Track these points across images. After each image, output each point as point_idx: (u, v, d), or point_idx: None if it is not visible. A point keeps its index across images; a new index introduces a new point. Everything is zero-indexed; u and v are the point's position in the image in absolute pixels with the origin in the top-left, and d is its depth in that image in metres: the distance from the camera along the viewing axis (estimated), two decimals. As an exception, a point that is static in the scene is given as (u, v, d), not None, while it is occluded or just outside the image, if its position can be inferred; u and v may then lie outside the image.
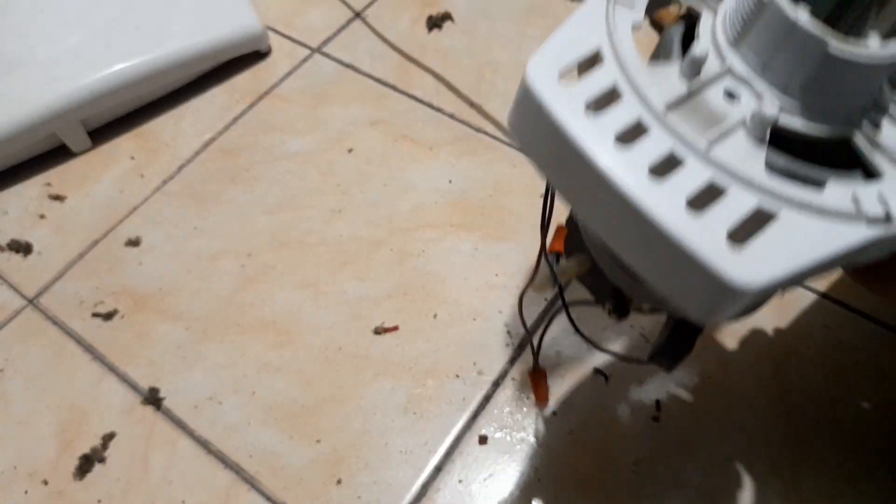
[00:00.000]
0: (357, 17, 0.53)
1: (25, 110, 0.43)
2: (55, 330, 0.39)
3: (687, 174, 0.15)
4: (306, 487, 0.33)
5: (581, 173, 0.16)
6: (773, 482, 0.32)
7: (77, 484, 0.34)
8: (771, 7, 0.15)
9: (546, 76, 0.16)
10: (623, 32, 0.17)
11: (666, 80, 0.16)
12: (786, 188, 0.15)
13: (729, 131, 0.16)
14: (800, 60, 0.15)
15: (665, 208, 0.14)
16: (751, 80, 0.16)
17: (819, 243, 0.15)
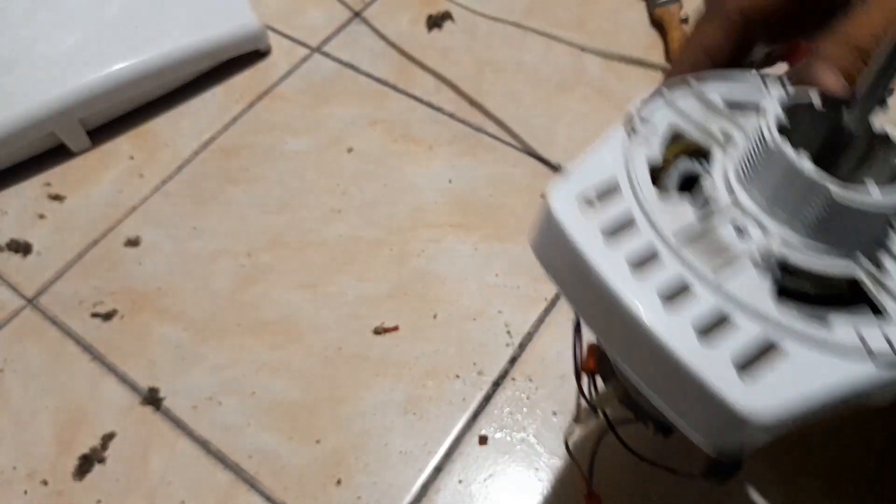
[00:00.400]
0: (356, 17, 0.53)
1: (24, 110, 0.43)
2: (54, 330, 0.39)
3: (697, 303, 0.16)
4: (306, 488, 0.33)
5: (595, 295, 0.16)
6: (773, 481, 0.32)
7: (76, 484, 0.34)
8: (776, 153, 0.16)
9: (566, 203, 0.17)
10: (639, 166, 0.18)
11: (678, 212, 0.17)
12: (798, 324, 0.15)
13: (738, 263, 0.16)
14: (804, 203, 0.16)
15: (675, 335, 0.15)
16: (758, 216, 0.17)
17: (830, 382, 0.15)
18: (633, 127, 0.19)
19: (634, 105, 0.20)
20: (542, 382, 0.36)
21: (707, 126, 0.20)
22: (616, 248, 0.17)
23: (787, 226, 0.17)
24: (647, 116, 0.20)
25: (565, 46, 0.50)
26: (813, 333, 0.15)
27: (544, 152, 0.45)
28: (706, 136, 0.19)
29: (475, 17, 0.53)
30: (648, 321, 0.15)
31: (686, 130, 0.20)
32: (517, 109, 0.47)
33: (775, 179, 0.17)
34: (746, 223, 0.17)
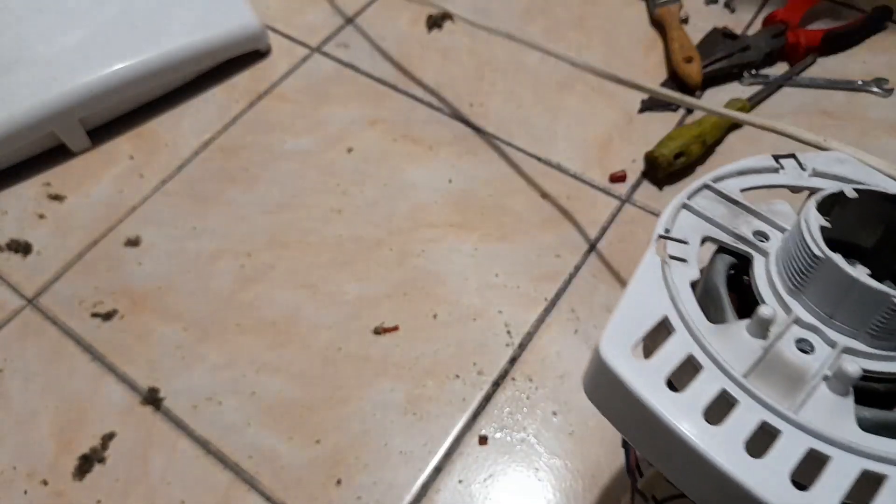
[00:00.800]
0: (350, 23, 0.53)
1: (24, 109, 0.43)
2: (54, 330, 0.39)
3: (785, 447, 0.15)
4: (306, 488, 0.33)
5: (675, 449, 0.16)
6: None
7: (76, 484, 0.34)
8: (827, 264, 0.16)
9: (620, 352, 0.17)
10: (685, 295, 0.18)
11: (737, 342, 0.17)
12: (887, 447, 0.15)
13: (813, 389, 0.16)
14: (868, 311, 0.16)
15: (770, 488, 0.14)
16: (820, 328, 0.17)
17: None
18: (667, 252, 0.18)
19: (662, 223, 0.19)
20: (541, 382, 0.36)
21: (737, 229, 0.19)
22: (687, 398, 0.16)
23: (853, 334, 0.16)
24: (677, 233, 0.19)
25: (565, 45, 0.50)
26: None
27: (544, 152, 0.45)
28: (740, 241, 0.19)
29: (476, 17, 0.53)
30: (740, 478, 0.14)
31: (719, 239, 0.19)
32: (517, 109, 0.47)
33: (831, 290, 0.16)
34: (808, 336, 0.17)
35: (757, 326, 0.17)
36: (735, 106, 0.45)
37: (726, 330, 0.17)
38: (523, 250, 0.41)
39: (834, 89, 0.47)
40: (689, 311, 0.17)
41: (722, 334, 0.17)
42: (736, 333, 0.17)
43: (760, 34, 0.48)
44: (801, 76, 0.47)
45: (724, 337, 0.17)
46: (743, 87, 0.47)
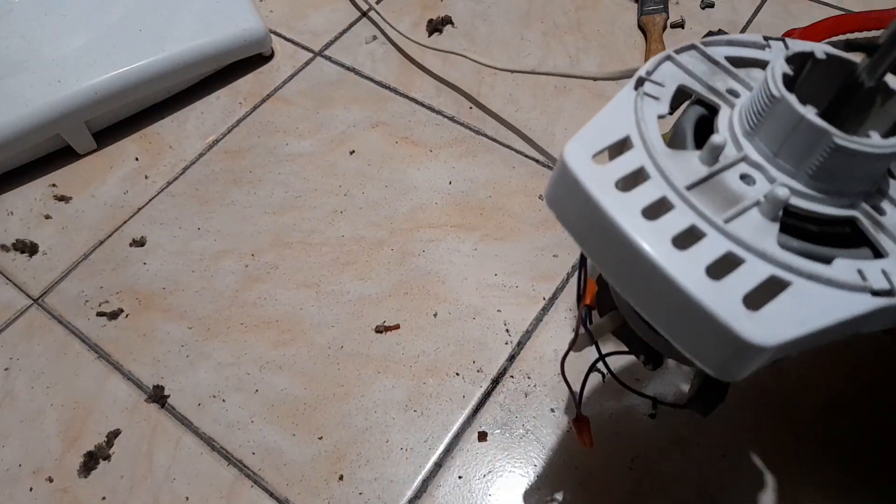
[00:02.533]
0: (361, 18, 0.54)
1: (30, 112, 0.43)
2: (60, 329, 0.40)
3: (707, 245, 0.17)
4: (308, 483, 0.34)
5: (611, 242, 0.17)
6: (769, 479, 0.33)
7: (82, 481, 0.35)
8: (781, 103, 0.17)
9: (581, 157, 0.18)
10: (650, 122, 0.19)
11: (687, 165, 0.18)
12: (798, 261, 0.17)
13: (745, 209, 0.18)
14: (808, 150, 0.17)
15: (687, 275, 0.16)
16: (764, 165, 0.18)
17: (828, 309, 0.16)
18: (643, 87, 0.20)
19: (644, 68, 0.21)
20: (540, 380, 0.36)
21: (713, 84, 0.20)
22: (630, 198, 0.17)
23: (792, 173, 0.18)
24: (656, 77, 0.20)
25: (562, 49, 0.51)
26: (815, 270, 0.16)
27: (542, 154, 0.46)
28: (713, 93, 0.20)
29: (475, 21, 0.53)
30: (663, 262, 0.16)
31: (694, 88, 0.20)
32: (515, 112, 0.48)
33: (780, 129, 0.18)
34: (752, 173, 0.18)
35: (708, 154, 0.18)
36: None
37: (681, 154, 0.19)
38: (522, 250, 0.41)
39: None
40: (651, 134, 0.19)
41: (676, 157, 0.19)
42: (689, 158, 0.19)
43: None
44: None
45: (677, 159, 0.18)
46: None
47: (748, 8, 0.53)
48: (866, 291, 0.16)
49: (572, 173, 0.18)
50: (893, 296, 0.17)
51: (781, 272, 0.16)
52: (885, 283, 0.17)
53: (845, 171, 0.17)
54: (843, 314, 0.16)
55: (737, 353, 0.16)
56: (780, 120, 0.18)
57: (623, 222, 0.17)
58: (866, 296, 0.16)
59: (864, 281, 0.17)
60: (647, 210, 0.17)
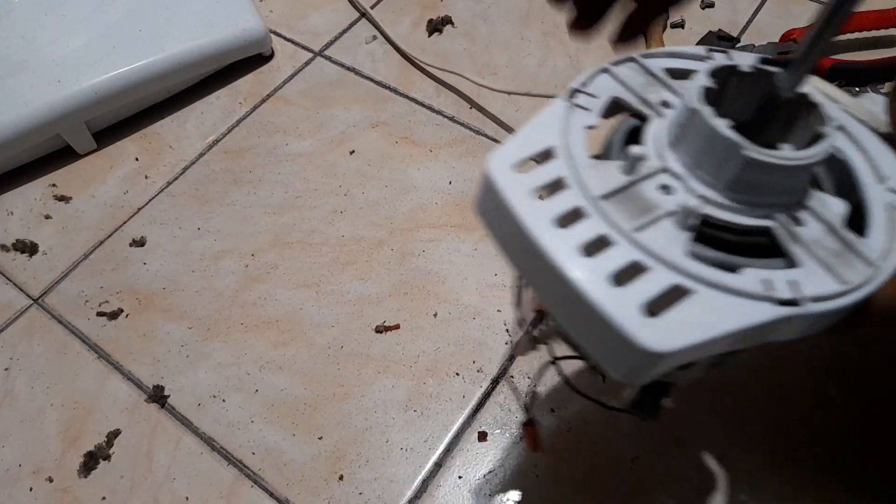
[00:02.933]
0: (360, 19, 0.54)
1: (30, 112, 0.43)
2: (60, 329, 0.40)
3: (614, 254, 0.17)
4: (308, 483, 0.34)
5: (525, 249, 0.18)
6: (769, 478, 0.33)
7: (82, 481, 0.35)
8: (698, 116, 0.18)
9: (503, 166, 0.19)
10: (576, 132, 0.20)
11: (608, 175, 0.19)
12: (702, 270, 0.17)
13: (656, 219, 0.18)
14: (723, 162, 0.18)
15: (590, 281, 0.16)
16: (684, 176, 0.19)
17: (728, 317, 0.16)
18: (574, 98, 0.20)
19: (579, 79, 0.21)
20: (539, 380, 0.36)
21: (646, 95, 0.21)
22: (545, 206, 0.18)
23: (710, 185, 0.18)
24: (590, 88, 0.21)
25: (562, 49, 0.51)
26: (720, 279, 0.17)
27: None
28: (644, 105, 0.21)
29: (475, 21, 0.53)
30: (567, 269, 0.17)
31: (626, 100, 0.21)
32: (515, 112, 0.48)
33: (698, 141, 0.18)
34: (673, 183, 0.19)
35: (628, 164, 0.19)
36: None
37: (604, 164, 0.19)
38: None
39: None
40: (575, 145, 0.19)
41: (597, 167, 0.19)
42: (610, 168, 0.19)
43: (768, 47, 0.47)
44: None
45: (598, 170, 0.19)
46: None
47: (748, 8, 0.53)
48: (770, 301, 0.17)
49: (492, 181, 0.18)
50: (798, 305, 0.17)
51: (685, 280, 0.17)
52: (791, 292, 0.17)
53: (760, 184, 0.18)
54: (743, 322, 0.16)
55: (635, 359, 0.16)
56: (697, 132, 0.18)
57: (534, 229, 0.17)
58: (769, 305, 0.17)
59: (770, 290, 0.17)
60: (562, 218, 0.18)
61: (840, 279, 0.18)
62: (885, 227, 0.19)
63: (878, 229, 0.19)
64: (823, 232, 0.18)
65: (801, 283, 0.17)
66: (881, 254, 0.18)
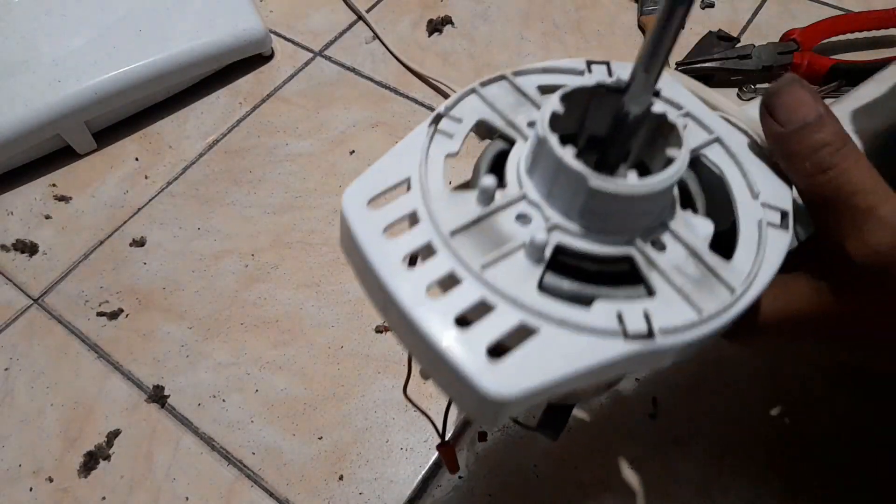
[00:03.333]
0: (359, 20, 0.54)
1: (30, 112, 0.43)
2: (60, 329, 0.40)
3: (461, 293, 0.16)
4: (308, 483, 0.34)
5: (377, 289, 0.17)
6: (770, 478, 0.33)
7: (82, 481, 0.35)
8: (546, 144, 0.17)
9: (357, 202, 0.18)
10: (435, 163, 0.19)
11: (463, 207, 0.18)
12: (550, 307, 0.16)
13: (509, 253, 0.17)
14: (572, 191, 0.17)
15: (435, 325, 0.16)
16: (541, 205, 0.18)
17: (575, 357, 0.16)
18: (438, 124, 0.20)
19: (445, 103, 0.20)
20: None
21: (514, 117, 0.20)
22: (395, 244, 0.17)
23: (565, 213, 0.17)
24: (456, 111, 0.20)
25: (562, 49, 0.51)
26: (567, 316, 0.16)
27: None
28: (511, 127, 0.20)
29: (475, 21, 0.53)
30: (413, 312, 0.16)
31: (493, 123, 0.20)
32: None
33: (548, 170, 0.17)
34: (531, 212, 0.18)
35: (481, 195, 0.18)
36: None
37: (460, 196, 0.18)
38: (523, 250, 0.41)
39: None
40: (432, 176, 0.18)
41: (452, 199, 0.18)
42: (467, 199, 0.18)
43: (768, 47, 0.47)
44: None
45: (454, 202, 0.18)
46: (744, 100, 0.46)
47: (748, 8, 0.53)
48: (620, 336, 0.16)
49: (345, 218, 0.18)
50: (651, 338, 0.16)
51: (531, 318, 0.16)
52: (644, 325, 0.16)
53: (611, 212, 0.17)
54: (590, 361, 0.16)
55: (481, 405, 0.15)
56: (547, 161, 0.17)
57: (382, 270, 0.17)
58: (619, 341, 0.16)
59: (621, 324, 0.16)
60: (412, 256, 0.17)
61: (696, 308, 0.17)
62: (752, 247, 0.18)
63: (745, 250, 0.18)
64: (685, 257, 0.17)
65: (656, 313, 0.16)
66: (744, 278, 0.17)
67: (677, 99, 0.21)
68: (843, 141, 0.18)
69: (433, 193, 0.18)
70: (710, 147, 0.20)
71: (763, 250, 0.18)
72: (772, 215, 0.18)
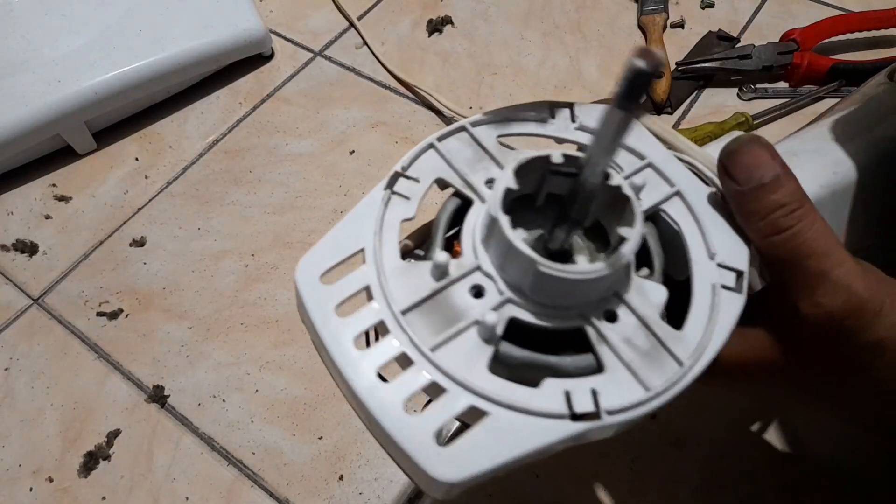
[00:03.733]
0: (358, 22, 0.54)
1: (30, 112, 0.43)
2: (60, 329, 0.40)
3: (411, 376, 0.16)
4: (308, 483, 0.34)
5: (331, 368, 0.17)
6: (769, 477, 0.33)
7: (82, 481, 0.35)
8: (497, 224, 0.17)
9: (309, 276, 0.17)
10: (390, 230, 0.18)
11: (417, 281, 0.17)
12: (499, 390, 0.16)
13: (461, 331, 0.17)
14: (522, 271, 0.17)
15: (385, 409, 0.16)
16: (495, 277, 0.17)
17: (522, 440, 0.16)
18: (392, 186, 0.19)
19: (401, 161, 0.19)
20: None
21: (472, 175, 0.19)
22: (347, 324, 0.17)
23: (517, 288, 0.17)
24: (413, 170, 0.19)
25: (562, 49, 0.51)
26: (515, 399, 0.16)
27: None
28: (468, 188, 0.19)
29: (475, 21, 0.53)
30: (364, 396, 0.16)
31: (451, 182, 0.19)
32: (516, 112, 0.48)
33: (500, 247, 0.17)
34: (485, 283, 0.17)
35: (435, 269, 0.17)
36: (738, 120, 0.44)
37: (413, 268, 0.18)
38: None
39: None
40: (387, 246, 0.18)
41: (407, 272, 0.18)
42: (421, 272, 0.18)
43: (768, 47, 0.47)
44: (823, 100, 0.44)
45: (409, 275, 0.18)
46: (743, 100, 0.46)
47: (748, 8, 0.53)
48: (567, 417, 0.16)
49: (299, 293, 0.17)
50: (597, 419, 0.16)
51: (480, 402, 0.16)
52: (591, 405, 0.16)
53: (561, 291, 0.17)
54: (537, 443, 0.16)
55: (433, 486, 0.16)
56: (498, 238, 0.17)
57: (334, 350, 0.16)
58: (566, 422, 0.16)
59: (569, 405, 0.16)
60: (364, 336, 0.17)
61: (644, 385, 0.17)
62: (705, 313, 0.18)
63: (697, 317, 0.18)
64: (636, 327, 0.17)
65: (603, 391, 0.16)
66: (693, 350, 0.17)
67: (640, 148, 0.20)
68: (799, 202, 0.18)
69: (387, 268, 0.18)
70: (670, 201, 0.20)
71: (715, 316, 0.18)
72: (727, 276, 0.18)
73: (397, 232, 0.18)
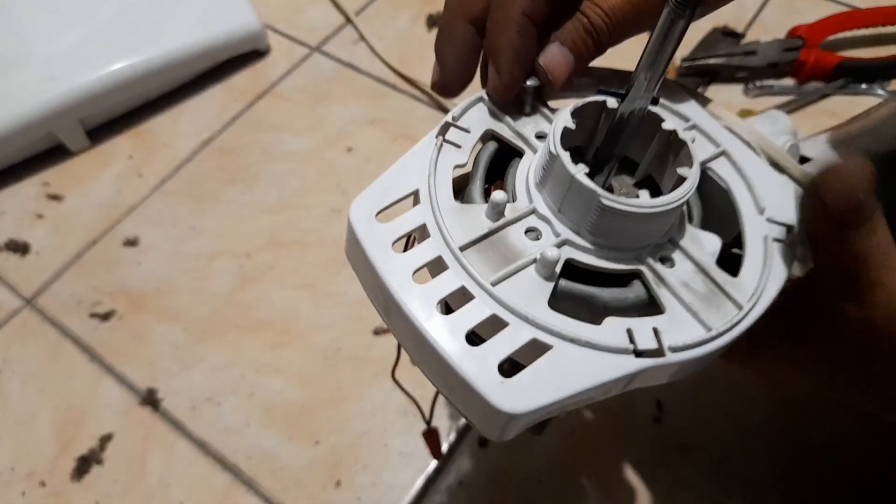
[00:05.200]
0: (356, 17, 0.53)
1: (23, 109, 0.43)
2: (53, 330, 0.39)
3: (472, 309, 0.17)
4: (305, 489, 0.33)
5: (388, 304, 0.17)
6: (774, 483, 0.32)
7: (74, 485, 0.34)
8: (557, 161, 0.17)
9: (364, 214, 0.18)
10: (443, 174, 0.19)
11: (472, 220, 0.18)
12: (562, 323, 0.16)
13: (517, 270, 0.17)
14: (583, 208, 0.17)
15: (447, 341, 0.16)
16: (551, 219, 0.18)
17: (586, 373, 0.16)
18: (444, 134, 0.20)
19: (452, 112, 0.20)
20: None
21: (522, 128, 0.20)
22: (405, 259, 0.17)
23: (575, 228, 0.18)
24: (464, 121, 0.20)
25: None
26: (578, 333, 0.16)
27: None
28: (519, 139, 0.20)
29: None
30: (425, 327, 0.16)
31: (501, 133, 0.20)
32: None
33: (559, 185, 0.17)
34: (540, 226, 0.18)
35: (491, 210, 0.18)
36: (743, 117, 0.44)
37: (468, 209, 0.18)
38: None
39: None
40: (441, 188, 0.18)
41: (462, 213, 0.18)
42: (476, 214, 0.18)
43: (773, 43, 0.46)
44: (829, 98, 0.44)
45: (463, 215, 0.18)
46: (749, 97, 0.45)
47: (753, 4, 0.52)
48: (630, 353, 0.16)
49: (353, 230, 0.18)
50: (660, 356, 0.16)
51: (543, 335, 0.16)
52: (654, 342, 0.16)
53: (621, 229, 0.17)
54: (601, 377, 0.16)
55: (493, 419, 0.16)
56: (558, 176, 0.17)
57: (392, 284, 0.17)
58: (629, 358, 0.16)
59: (631, 342, 0.16)
60: (422, 271, 0.17)
61: (704, 325, 0.17)
62: (758, 263, 0.18)
63: (751, 266, 0.18)
64: (693, 273, 0.18)
65: (665, 330, 0.17)
66: (751, 294, 0.18)
67: (683, 111, 0.21)
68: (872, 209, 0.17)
69: (443, 207, 0.18)
70: (716, 160, 0.20)
71: (769, 266, 0.18)
72: (777, 230, 0.19)
73: (450, 175, 0.19)
